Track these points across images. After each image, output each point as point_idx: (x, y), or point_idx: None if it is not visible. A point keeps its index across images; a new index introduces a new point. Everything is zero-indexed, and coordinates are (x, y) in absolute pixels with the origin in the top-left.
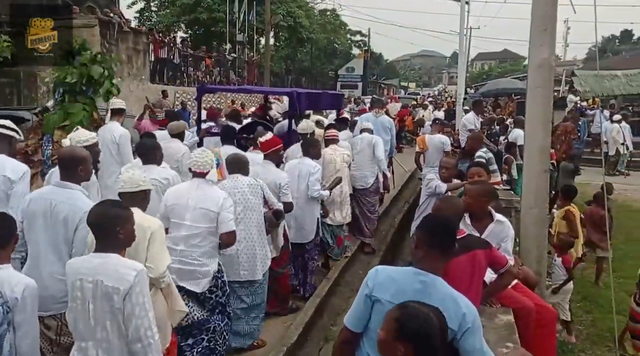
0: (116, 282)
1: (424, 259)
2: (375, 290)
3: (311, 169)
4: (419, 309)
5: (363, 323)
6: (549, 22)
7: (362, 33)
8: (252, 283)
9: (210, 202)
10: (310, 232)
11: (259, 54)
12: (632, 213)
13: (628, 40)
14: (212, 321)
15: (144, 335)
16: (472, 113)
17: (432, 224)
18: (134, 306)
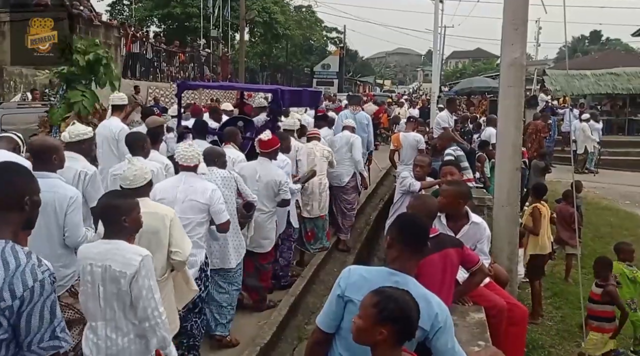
0: (123, 267)
1: (397, 259)
2: (348, 290)
3: (280, 163)
4: (395, 291)
5: (335, 324)
6: (520, 21)
7: (338, 30)
8: (227, 271)
9: (198, 194)
10: (281, 224)
11: (234, 50)
12: (600, 210)
13: (597, 40)
14: (190, 319)
15: (151, 314)
16: (446, 111)
17: (406, 224)
18: (141, 288)
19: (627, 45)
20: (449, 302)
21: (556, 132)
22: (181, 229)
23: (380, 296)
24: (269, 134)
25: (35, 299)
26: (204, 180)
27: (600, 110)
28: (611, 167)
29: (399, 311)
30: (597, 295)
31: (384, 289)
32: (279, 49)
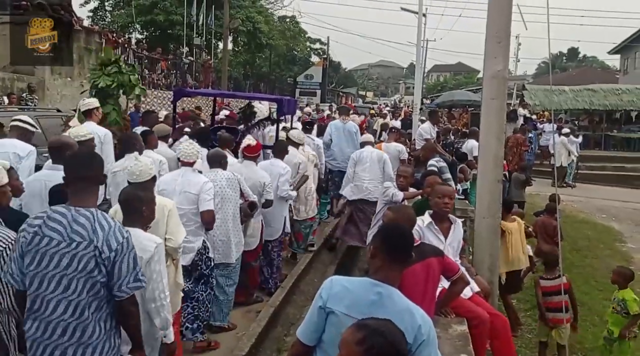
0: (140, 252)
1: (380, 269)
2: (330, 301)
3: (281, 170)
4: (379, 323)
5: (316, 336)
6: (503, 35)
7: (321, 41)
8: (227, 266)
9: (192, 187)
10: (278, 229)
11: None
12: (577, 223)
13: (574, 57)
14: (197, 291)
15: (158, 296)
16: (428, 123)
17: (390, 234)
18: (152, 272)
19: (603, 63)
20: (432, 313)
21: (536, 145)
22: (177, 219)
23: (365, 332)
24: (253, 140)
25: (124, 251)
26: (200, 175)
27: (577, 125)
28: (588, 181)
29: (389, 346)
30: (547, 287)
31: (367, 322)
32: (263, 58)
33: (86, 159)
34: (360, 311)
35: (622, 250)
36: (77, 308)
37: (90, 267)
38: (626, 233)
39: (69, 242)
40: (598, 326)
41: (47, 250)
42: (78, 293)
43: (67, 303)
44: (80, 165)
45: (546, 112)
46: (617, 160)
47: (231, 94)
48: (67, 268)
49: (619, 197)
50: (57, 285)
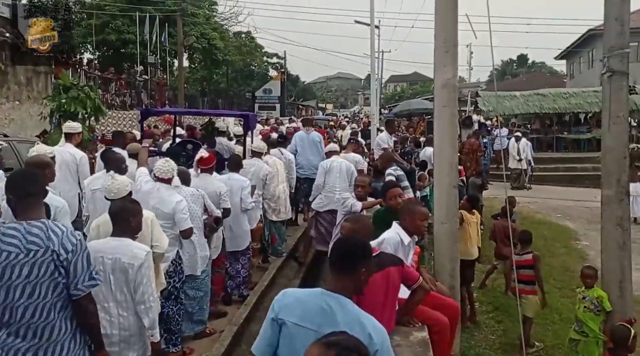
0: (131, 259)
1: (331, 280)
2: (282, 312)
3: (243, 184)
4: (346, 339)
5: (271, 350)
6: (450, 44)
7: (278, 55)
8: (195, 278)
9: (164, 204)
10: (245, 240)
11: (174, 76)
12: (535, 224)
13: (524, 63)
14: (166, 306)
15: (147, 299)
16: (385, 132)
17: (338, 246)
18: (142, 277)
19: (551, 68)
20: (393, 321)
21: (491, 150)
22: (159, 227)
23: (336, 350)
24: (206, 153)
25: (79, 252)
26: (173, 193)
27: (530, 129)
28: (542, 183)
29: None
30: (521, 261)
31: (335, 340)
32: (220, 74)
33: (32, 177)
34: (311, 321)
35: (578, 248)
36: (43, 310)
37: (51, 270)
38: (580, 231)
39: (27, 253)
40: (558, 323)
41: (7, 263)
42: (43, 297)
43: (34, 307)
44: (27, 182)
45: (498, 117)
46: (568, 161)
47: (197, 112)
48: (28, 276)
49: (572, 196)
50: (22, 293)
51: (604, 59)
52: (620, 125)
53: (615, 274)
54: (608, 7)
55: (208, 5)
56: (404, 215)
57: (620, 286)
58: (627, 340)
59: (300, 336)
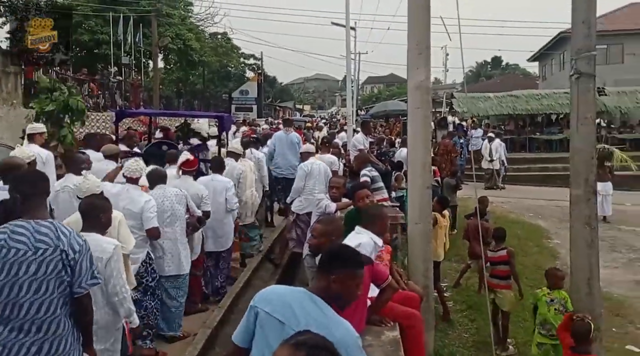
0: (100, 253)
1: (316, 282)
2: (259, 301)
3: (227, 185)
4: (315, 339)
5: (248, 338)
6: (423, 47)
7: (255, 57)
8: (177, 277)
9: (134, 205)
10: (227, 240)
11: (149, 77)
12: (508, 224)
13: (498, 65)
14: (145, 300)
15: (120, 291)
16: (361, 133)
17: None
18: (112, 270)
19: (524, 70)
20: (364, 320)
21: (467, 151)
22: (127, 228)
23: (305, 350)
24: (190, 156)
25: (84, 252)
26: (143, 194)
27: (503, 130)
28: (516, 182)
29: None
30: (495, 257)
31: (303, 339)
32: (196, 75)
33: (37, 177)
34: (282, 314)
35: (549, 246)
36: (50, 306)
37: (59, 268)
38: (552, 230)
39: (35, 251)
40: (529, 321)
41: (15, 260)
42: (50, 293)
43: (40, 303)
44: (33, 183)
45: (473, 118)
46: (540, 161)
47: (172, 113)
48: (36, 273)
49: (544, 195)
50: (28, 289)
51: (571, 61)
52: (587, 126)
53: (584, 272)
54: (575, 10)
55: (183, 6)
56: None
57: (589, 284)
58: (588, 334)
59: (269, 326)
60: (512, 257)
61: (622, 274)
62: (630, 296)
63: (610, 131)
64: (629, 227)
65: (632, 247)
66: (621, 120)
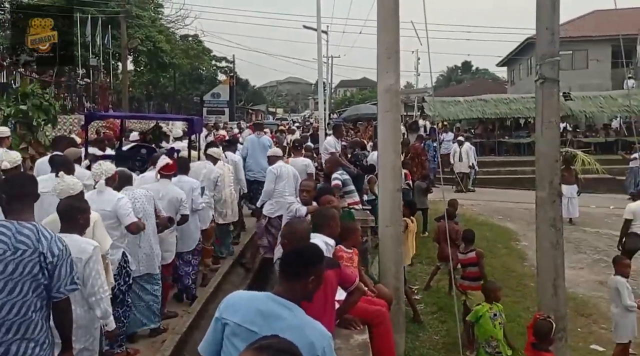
0: (79, 254)
1: (281, 285)
2: (225, 312)
3: (193, 185)
4: (278, 342)
5: (215, 349)
6: (392, 51)
7: (227, 59)
8: (151, 276)
9: (106, 204)
10: (195, 240)
11: (118, 80)
12: (477, 226)
13: (468, 70)
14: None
15: (98, 291)
16: (332, 137)
17: (288, 252)
18: (91, 270)
19: (493, 75)
20: (332, 323)
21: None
22: (103, 229)
23: (268, 354)
24: (169, 160)
25: (64, 257)
26: (113, 192)
27: (473, 133)
28: (485, 185)
29: None
30: (465, 259)
31: (268, 343)
32: (167, 78)
33: (24, 180)
34: (252, 322)
35: (518, 248)
36: (22, 308)
37: (35, 271)
38: (520, 232)
39: (14, 251)
40: None
41: None
42: (24, 295)
43: (12, 304)
44: (19, 185)
45: (444, 122)
46: (509, 165)
47: (143, 116)
48: (12, 274)
49: (512, 198)
50: (3, 289)
51: (536, 67)
52: (552, 130)
53: (549, 273)
54: (539, 17)
55: (153, 8)
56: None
57: (554, 284)
58: (550, 333)
59: (242, 337)
60: (481, 258)
61: (586, 275)
62: (595, 296)
63: (576, 135)
64: (593, 229)
65: (596, 248)
66: (586, 124)
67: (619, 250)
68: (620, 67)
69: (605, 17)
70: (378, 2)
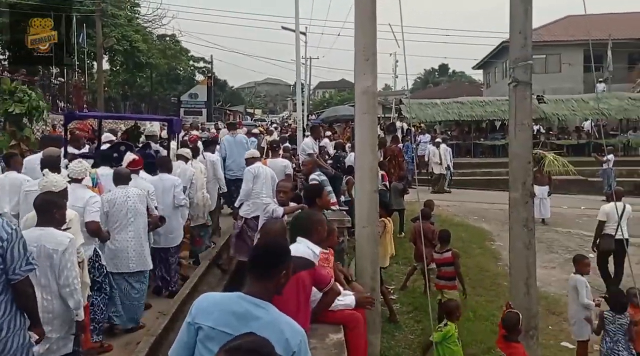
0: (55, 245)
1: (250, 284)
2: (198, 316)
3: (175, 182)
4: (248, 341)
5: (187, 354)
6: (370, 53)
7: (205, 60)
8: (141, 273)
9: (79, 201)
10: (177, 236)
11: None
12: (453, 226)
13: (445, 72)
14: (92, 295)
15: (71, 282)
16: (310, 138)
17: (258, 249)
18: (67, 261)
19: (470, 77)
20: (307, 323)
21: (415, 155)
22: (77, 227)
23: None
24: (135, 156)
25: (14, 239)
26: (87, 191)
27: (450, 135)
28: (461, 187)
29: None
30: (439, 259)
31: (237, 344)
32: (144, 78)
33: None
34: (227, 324)
35: (492, 248)
36: None
37: None
38: (494, 232)
39: None
40: (472, 321)
41: None
42: None
43: None
44: None
45: (421, 124)
46: (484, 166)
47: (122, 116)
48: None
49: (487, 199)
50: None
51: (509, 70)
52: (524, 132)
53: (522, 272)
54: (513, 22)
55: (130, 7)
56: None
57: (527, 283)
58: (517, 324)
59: (217, 340)
60: (456, 258)
61: (558, 274)
62: (565, 295)
63: (549, 137)
64: (565, 229)
65: (567, 248)
66: (559, 127)
67: (594, 252)
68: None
69: (577, 23)
70: (356, 5)
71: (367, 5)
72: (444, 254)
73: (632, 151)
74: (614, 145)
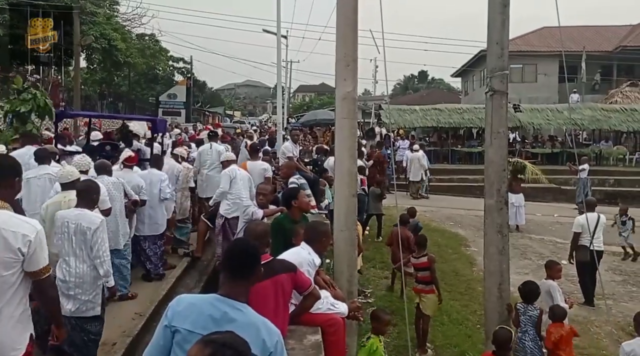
0: (89, 224)
1: (224, 285)
2: (175, 319)
3: (161, 177)
4: (224, 336)
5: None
6: (350, 59)
7: (184, 60)
8: (118, 251)
9: None
10: (162, 225)
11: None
12: (429, 232)
13: (424, 79)
14: None
15: (102, 254)
16: (290, 141)
17: (228, 249)
18: (97, 238)
19: (448, 85)
20: (286, 325)
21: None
22: None
23: (212, 347)
24: (132, 153)
25: None
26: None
27: (428, 141)
28: (438, 192)
29: None
30: (416, 264)
31: (213, 338)
32: (122, 77)
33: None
34: (204, 327)
35: (467, 253)
36: None
37: None
38: (470, 238)
39: None
40: (447, 325)
41: None
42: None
43: None
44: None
45: (401, 130)
46: (461, 173)
47: (110, 115)
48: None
49: (463, 205)
50: None
51: (486, 79)
52: (500, 140)
53: (495, 277)
54: (490, 32)
55: (109, 5)
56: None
57: (500, 288)
58: (508, 341)
59: (192, 342)
60: (432, 263)
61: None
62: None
63: (524, 145)
64: (538, 236)
65: (541, 254)
66: (533, 135)
67: (571, 263)
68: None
69: (553, 34)
70: (337, 12)
71: (348, 13)
72: (420, 259)
73: (603, 161)
74: (587, 154)
